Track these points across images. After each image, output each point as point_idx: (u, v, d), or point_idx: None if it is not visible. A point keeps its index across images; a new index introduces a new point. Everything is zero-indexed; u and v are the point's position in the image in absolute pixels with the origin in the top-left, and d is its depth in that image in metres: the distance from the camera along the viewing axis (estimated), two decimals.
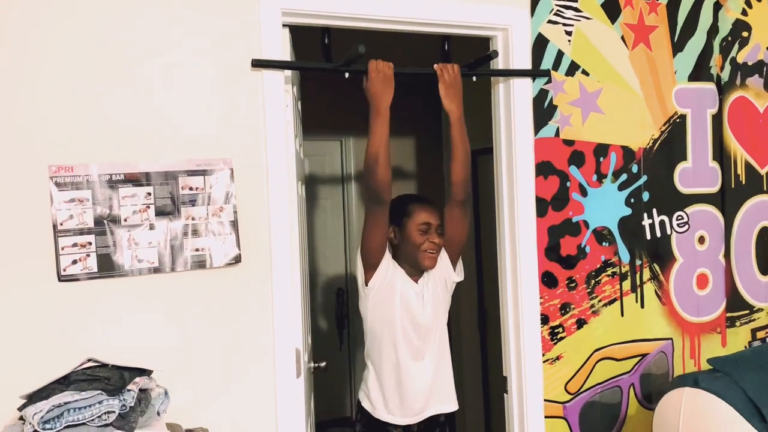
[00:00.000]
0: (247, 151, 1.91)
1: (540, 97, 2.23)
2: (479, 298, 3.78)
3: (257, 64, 1.89)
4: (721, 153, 2.48)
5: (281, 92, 1.94)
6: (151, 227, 1.80)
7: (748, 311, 2.54)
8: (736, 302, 2.52)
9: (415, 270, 2.17)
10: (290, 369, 1.94)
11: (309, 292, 2.51)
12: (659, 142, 2.40)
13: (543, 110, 2.24)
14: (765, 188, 2.55)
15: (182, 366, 1.82)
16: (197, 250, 1.84)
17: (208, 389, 1.85)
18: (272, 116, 1.92)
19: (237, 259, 1.87)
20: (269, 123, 1.92)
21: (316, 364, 2.40)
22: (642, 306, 2.39)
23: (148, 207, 1.80)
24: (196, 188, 1.85)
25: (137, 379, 1.52)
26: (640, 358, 2.40)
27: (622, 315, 2.36)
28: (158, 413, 1.58)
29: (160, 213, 1.81)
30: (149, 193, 1.80)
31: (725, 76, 2.49)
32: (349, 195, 4.80)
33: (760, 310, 2.56)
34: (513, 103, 2.21)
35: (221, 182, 1.87)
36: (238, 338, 1.89)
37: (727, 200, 2.49)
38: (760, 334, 2.57)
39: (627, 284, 2.37)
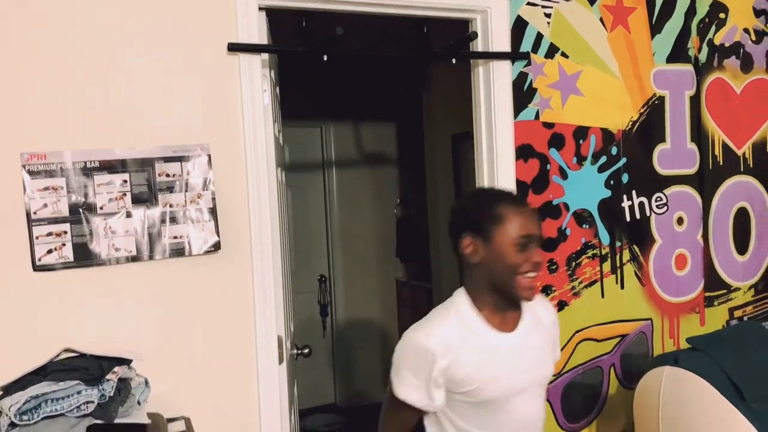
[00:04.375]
0: (225, 136, 1.88)
1: (520, 80, 2.23)
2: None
3: (233, 47, 1.86)
4: (699, 134, 2.50)
5: (258, 76, 1.91)
6: (128, 215, 1.77)
7: (725, 291, 2.57)
8: (713, 282, 2.55)
9: (505, 307, 1.50)
10: (272, 355, 1.93)
11: (291, 279, 2.50)
12: (638, 124, 2.41)
13: (523, 93, 2.23)
14: (742, 169, 2.58)
15: (163, 355, 1.80)
16: (176, 237, 1.82)
17: (189, 378, 1.84)
18: (249, 101, 1.89)
19: (216, 246, 1.85)
20: (246, 108, 1.89)
21: (300, 351, 2.39)
22: (622, 287, 2.41)
23: (125, 194, 1.77)
24: (173, 175, 1.82)
25: (116, 369, 1.50)
26: (620, 338, 2.42)
27: (603, 296, 2.38)
28: (139, 403, 1.56)
29: (137, 200, 1.78)
30: (125, 181, 1.77)
31: (703, 57, 2.50)
32: (330, 182, 4.77)
33: (737, 289, 2.60)
34: (493, 86, 2.21)
35: (199, 168, 1.84)
36: (218, 326, 1.87)
37: (705, 181, 2.52)
38: (738, 313, 2.61)
39: (607, 266, 2.39)
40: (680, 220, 2.49)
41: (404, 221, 4.85)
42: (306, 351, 2.41)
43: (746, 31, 2.57)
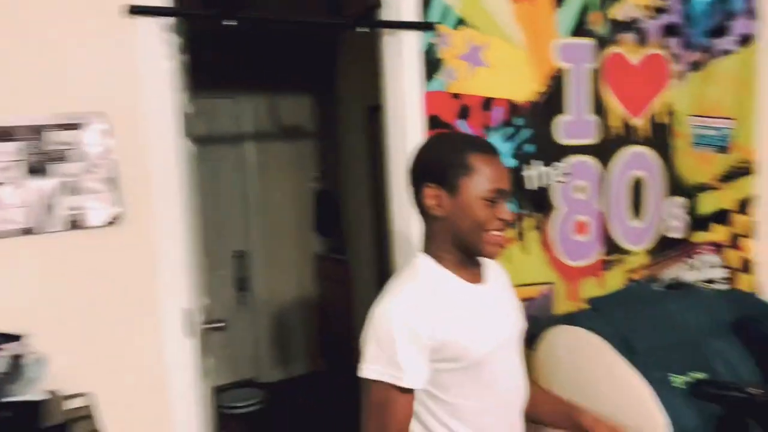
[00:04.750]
0: (125, 104, 1.81)
1: (428, 51, 2.25)
2: (380, 254, 3.84)
3: (131, 10, 1.78)
4: (598, 106, 2.62)
5: (159, 41, 1.85)
6: (20, 186, 1.69)
7: (622, 254, 2.73)
8: (611, 247, 2.70)
9: (468, 262, 1.41)
10: (179, 329, 1.90)
11: (203, 252, 2.45)
12: (542, 95, 2.49)
13: (431, 64, 2.26)
14: (637, 139, 2.73)
15: (62, 331, 1.73)
16: (73, 209, 1.75)
17: (91, 353, 1.78)
18: (150, 67, 1.83)
19: (117, 218, 1.79)
20: (147, 74, 1.82)
21: (213, 324, 2.36)
22: (526, 253, 2.51)
23: (16, 164, 1.68)
24: (69, 143, 1.74)
25: (6, 345, 1.44)
26: (525, 302, 2.53)
27: (509, 262, 2.48)
28: (34, 380, 1.51)
29: (30, 170, 1.70)
30: (15, 149, 1.68)
31: (602, 31, 2.61)
32: (246, 155, 4.69)
33: (633, 253, 2.76)
34: (402, 57, 2.22)
35: (97, 137, 1.77)
36: (121, 299, 1.82)
37: (604, 151, 2.65)
38: (633, 276, 2.78)
39: (512, 233, 2.48)
40: (581, 189, 2.61)
41: (322, 195, 4.85)
42: (220, 324, 2.38)
43: (643, 6, 2.70)
